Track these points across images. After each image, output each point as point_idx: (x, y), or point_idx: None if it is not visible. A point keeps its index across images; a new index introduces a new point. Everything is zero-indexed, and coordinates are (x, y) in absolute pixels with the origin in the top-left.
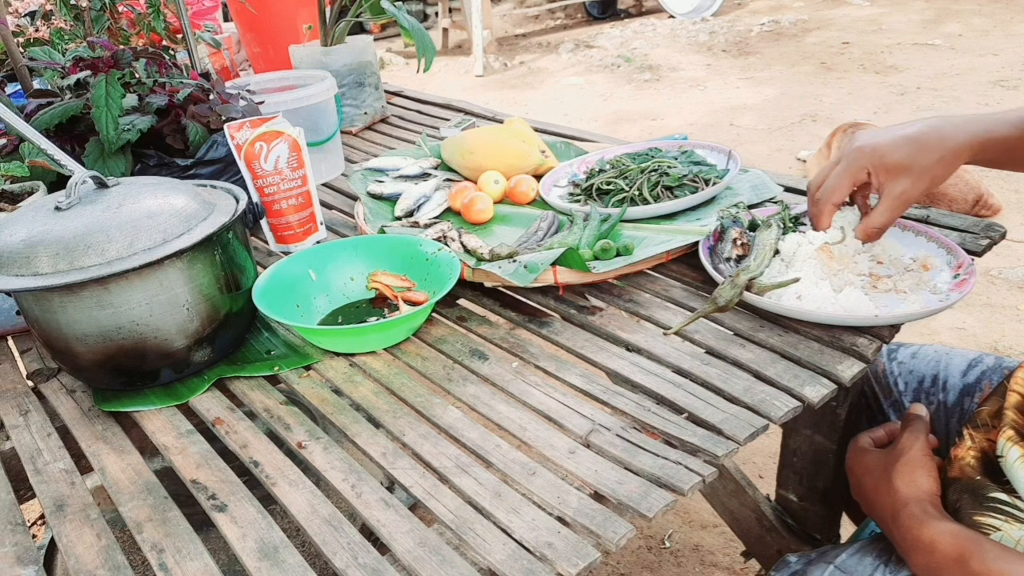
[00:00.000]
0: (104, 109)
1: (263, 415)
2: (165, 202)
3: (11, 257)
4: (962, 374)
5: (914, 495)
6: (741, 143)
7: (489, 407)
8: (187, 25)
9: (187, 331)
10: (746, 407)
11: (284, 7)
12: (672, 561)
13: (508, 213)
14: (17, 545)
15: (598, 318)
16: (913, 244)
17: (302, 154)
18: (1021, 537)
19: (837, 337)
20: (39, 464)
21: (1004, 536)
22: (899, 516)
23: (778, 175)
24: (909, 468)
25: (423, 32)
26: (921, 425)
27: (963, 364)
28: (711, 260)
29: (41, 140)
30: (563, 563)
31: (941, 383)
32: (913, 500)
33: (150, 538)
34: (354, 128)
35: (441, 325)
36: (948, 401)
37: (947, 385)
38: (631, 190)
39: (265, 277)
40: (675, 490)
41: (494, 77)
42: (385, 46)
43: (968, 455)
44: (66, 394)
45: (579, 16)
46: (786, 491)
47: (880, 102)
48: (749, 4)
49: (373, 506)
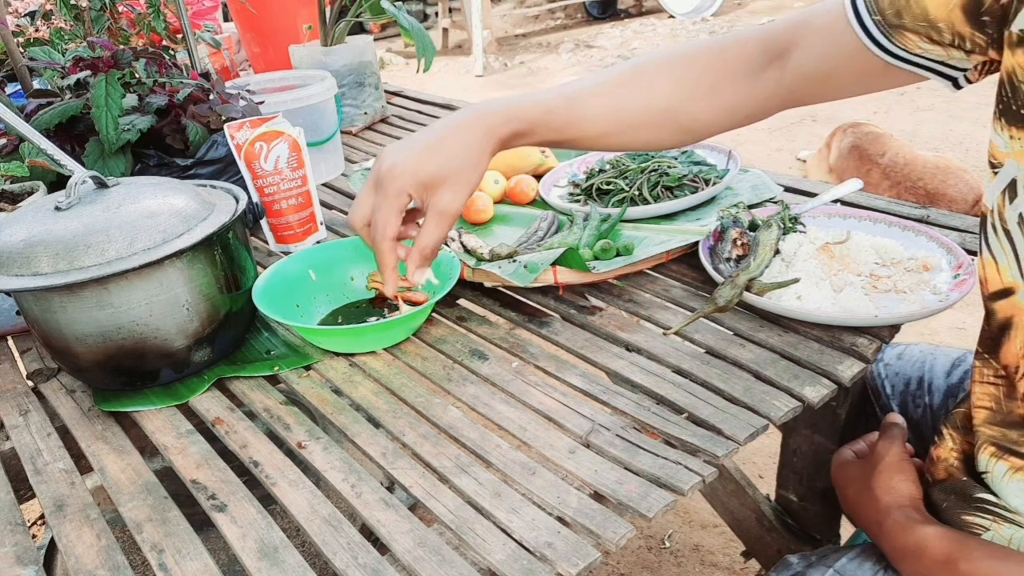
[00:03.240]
0: (104, 109)
1: (263, 415)
2: (165, 202)
3: (11, 257)
4: (946, 375)
5: (895, 502)
6: (741, 143)
7: (489, 407)
8: (187, 25)
9: (187, 331)
10: (746, 407)
11: (284, 7)
12: (672, 561)
13: (508, 213)
14: (17, 545)
15: (598, 318)
16: (913, 244)
17: (302, 154)
18: (1012, 536)
19: (837, 337)
20: (39, 464)
21: (995, 536)
22: (884, 525)
23: (778, 175)
24: (887, 475)
25: (423, 32)
26: (897, 432)
27: (947, 364)
28: (711, 260)
29: (41, 140)
30: (563, 563)
31: (926, 385)
32: (895, 507)
33: (150, 538)
34: (354, 128)
35: (441, 325)
36: (934, 404)
37: (932, 387)
38: (631, 190)
39: (265, 277)
40: (675, 490)
41: (494, 77)
42: (385, 46)
43: (951, 456)
44: (66, 394)
45: (579, 16)
46: (786, 491)
47: (880, 102)
48: (749, 4)
49: (373, 506)
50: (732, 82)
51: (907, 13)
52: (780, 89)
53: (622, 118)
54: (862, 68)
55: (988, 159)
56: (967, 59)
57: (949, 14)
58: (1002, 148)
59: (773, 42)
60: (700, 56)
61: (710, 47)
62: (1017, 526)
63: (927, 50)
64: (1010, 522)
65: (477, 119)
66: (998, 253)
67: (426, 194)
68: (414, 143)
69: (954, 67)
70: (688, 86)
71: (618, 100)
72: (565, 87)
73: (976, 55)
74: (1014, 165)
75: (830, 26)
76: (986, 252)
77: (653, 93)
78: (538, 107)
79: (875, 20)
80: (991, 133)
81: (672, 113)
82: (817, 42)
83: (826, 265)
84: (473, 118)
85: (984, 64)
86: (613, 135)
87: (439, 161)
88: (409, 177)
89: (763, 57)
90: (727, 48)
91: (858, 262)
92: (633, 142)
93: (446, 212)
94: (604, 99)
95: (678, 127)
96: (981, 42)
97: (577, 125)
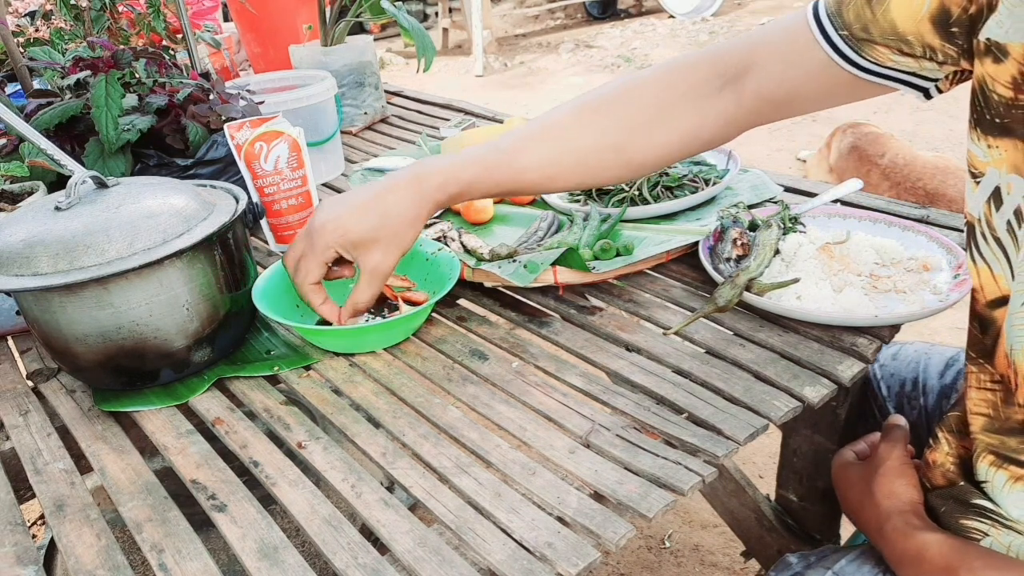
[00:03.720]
0: (104, 109)
1: (263, 415)
2: (165, 202)
3: (11, 257)
4: (939, 375)
5: (895, 507)
6: (741, 143)
7: (489, 407)
8: (187, 25)
9: (187, 331)
10: (746, 407)
11: (284, 7)
12: (672, 561)
13: (508, 213)
14: (17, 545)
15: (598, 318)
16: (913, 244)
17: (302, 154)
18: (1011, 543)
19: (837, 337)
20: (39, 464)
21: (993, 542)
22: (884, 529)
23: (778, 175)
24: (888, 479)
25: (423, 32)
26: (899, 434)
27: (940, 365)
28: (711, 260)
29: (41, 140)
30: (563, 563)
31: (921, 387)
32: (895, 512)
33: (150, 538)
34: (354, 128)
35: (441, 325)
36: (928, 405)
37: (926, 388)
38: (631, 190)
39: (265, 277)
40: (675, 490)
41: (494, 77)
42: (385, 46)
43: (947, 460)
44: (66, 394)
45: (579, 16)
46: (786, 491)
47: (880, 102)
48: (749, 4)
49: (373, 506)
50: (683, 109)
51: (874, 27)
52: (740, 111)
53: (564, 161)
54: (829, 83)
55: (968, 169)
56: (939, 69)
57: (918, 26)
58: (981, 158)
59: (726, 65)
60: (646, 87)
61: (657, 76)
62: (1016, 533)
63: (898, 62)
64: (1009, 528)
65: (413, 182)
66: (992, 261)
67: (356, 253)
68: (349, 200)
69: (925, 77)
70: (633, 121)
71: (560, 144)
72: (504, 139)
73: (948, 65)
74: (995, 174)
75: (790, 44)
76: (979, 260)
77: (596, 132)
78: (477, 165)
79: (842, 35)
80: (968, 143)
81: (618, 150)
82: (777, 61)
83: (826, 265)
84: (409, 180)
85: (955, 73)
86: (559, 179)
87: (370, 222)
88: (337, 236)
89: (717, 80)
90: (676, 72)
91: (858, 262)
92: (582, 182)
93: (375, 272)
94: (545, 146)
95: (626, 163)
96: (953, 53)
97: (521, 176)
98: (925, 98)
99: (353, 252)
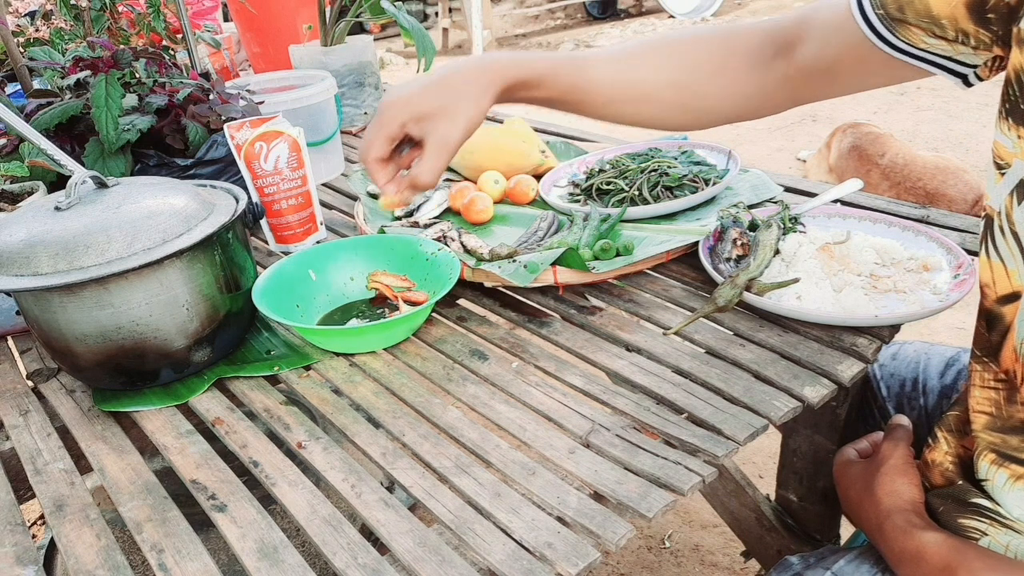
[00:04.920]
0: (104, 109)
1: (263, 415)
2: (165, 202)
3: (11, 257)
4: (940, 375)
5: (896, 505)
6: (741, 143)
7: (489, 407)
8: (187, 25)
9: (187, 331)
10: (746, 407)
11: (284, 7)
12: (672, 561)
13: (508, 213)
14: (17, 545)
15: (598, 318)
16: (913, 244)
17: (302, 154)
18: (1009, 543)
19: (837, 337)
20: (39, 464)
21: (992, 542)
22: (883, 527)
23: (778, 175)
24: (889, 478)
25: (423, 32)
26: (903, 434)
27: (940, 365)
28: (711, 260)
29: (41, 140)
30: (563, 563)
31: (921, 387)
32: (896, 511)
33: (150, 538)
34: (354, 128)
35: (441, 325)
36: (928, 405)
37: (927, 388)
38: (631, 190)
39: (265, 277)
40: (675, 490)
41: None
42: (385, 46)
43: (946, 460)
44: (66, 394)
45: (579, 16)
46: (786, 491)
47: (880, 102)
48: (749, 4)
49: (373, 506)
50: (739, 68)
51: (909, 8)
52: (787, 84)
53: (629, 88)
54: (865, 61)
55: (994, 160)
56: (975, 55)
57: (952, 10)
58: (1009, 148)
59: (779, 35)
60: (712, 40)
61: (717, 33)
62: (1015, 532)
63: (932, 45)
64: (1008, 528)
65: (483, 60)
66: (1006, 256)
67: (423, 125)
68: (417, 80)
69: (963, 63)
70: (696, 64)
71: (626, 69)
72: (576, 52)
73: (983, 51)
74: (1022, 166)
75: (833, 20)
76: (993, 255)
77: (662, 66)
78: (548, 62)
79: (878, 14)
80: (996, 133)
81: (679, 89)
82: (820, 36)
83: (826, 265)
84: (479, 59)
85: (994, 60)
86: (618, 104)
87: (437, 94)
88: (403, 107)
89: (769, 48)
90: (735, 36)
91: (858, 262)
92: (637, 115)
93: (442, 142)
94: (613, 66)
95: (684, 106)
96: (986, 39)
97: (583, 88)
98: (964, 84)
99: (420, 125)
